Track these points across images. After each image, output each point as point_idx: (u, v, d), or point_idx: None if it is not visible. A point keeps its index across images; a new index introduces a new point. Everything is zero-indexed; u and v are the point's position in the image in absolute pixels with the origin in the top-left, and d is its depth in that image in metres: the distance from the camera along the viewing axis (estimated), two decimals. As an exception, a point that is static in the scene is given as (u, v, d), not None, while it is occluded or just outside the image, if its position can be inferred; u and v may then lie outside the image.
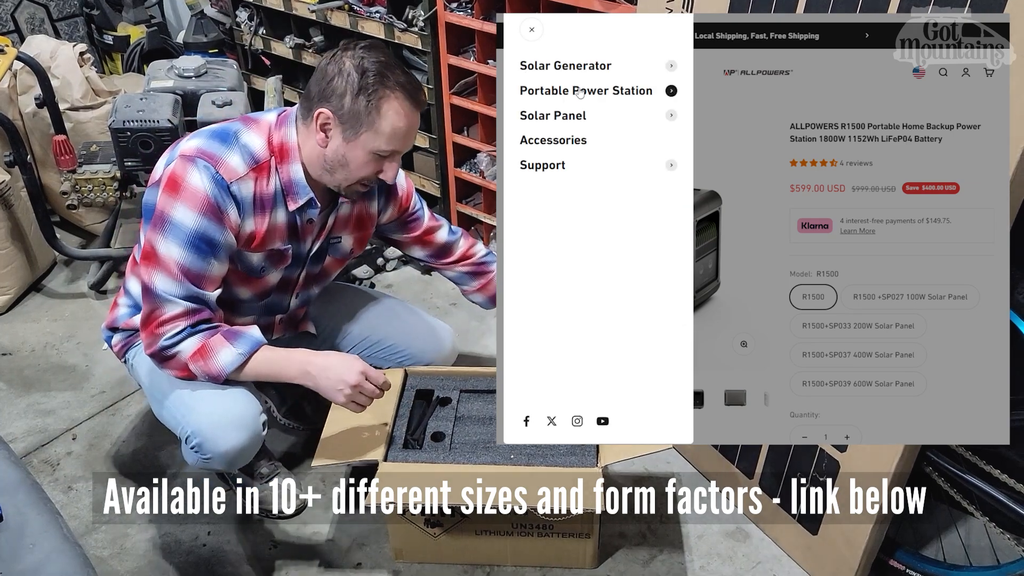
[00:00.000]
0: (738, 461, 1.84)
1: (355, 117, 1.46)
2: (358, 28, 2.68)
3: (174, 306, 1.49)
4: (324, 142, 1.50)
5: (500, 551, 1.72)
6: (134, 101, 2.31)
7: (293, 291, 1.73)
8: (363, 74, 1.44)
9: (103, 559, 1.77)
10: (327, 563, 1.78)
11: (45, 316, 2.58)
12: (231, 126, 1.54)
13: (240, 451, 1.57)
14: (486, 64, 2.44)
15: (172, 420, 1.61)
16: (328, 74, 1.46)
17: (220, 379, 1.54)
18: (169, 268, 1.47)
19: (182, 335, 1.51)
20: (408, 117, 1.48)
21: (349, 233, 1.73)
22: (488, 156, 2.61)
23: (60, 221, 2.94)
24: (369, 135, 1.47)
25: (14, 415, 2.18)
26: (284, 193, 1.55)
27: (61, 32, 3.58)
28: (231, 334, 1.54)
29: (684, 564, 1.76)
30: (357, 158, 1.49)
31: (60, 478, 1.98)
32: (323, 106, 1.47)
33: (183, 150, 1.49)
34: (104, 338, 1.81)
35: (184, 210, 1.46)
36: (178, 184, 1.46)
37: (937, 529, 1.79)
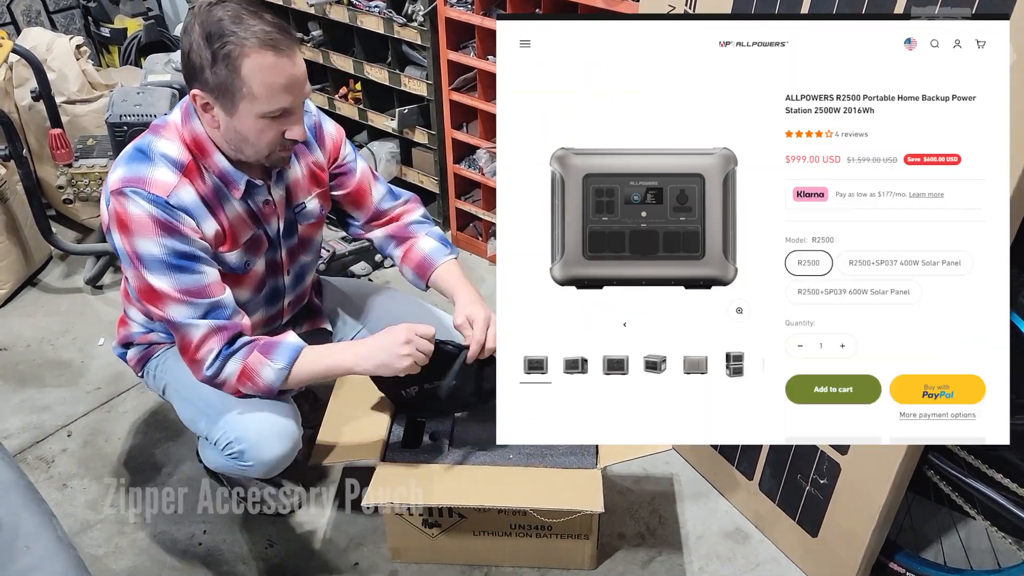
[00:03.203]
0: (738, 462, 1.83)
1: (224, 88, 1.35)
2: (357, 22, 2.66)
3: (197, 328, 1.46)
4: (214, 122, 1.41)
5: (498, 551, 1.71)
6: (131, 95, 2.30)
7: (284, 270, 1.67)
8: (209, 39, 1.32)
9: (98, 557, 1.76)
10: (324, 562, 1.76)
11: (40, 311, 2.56)
12: (142, 141, 1.46)
13: (282, 460, 1.55)
14: (486, 60, 2.42)
15: (211, 426, 1.56)
16: (184, 49, 1.36)
17: (272, 394, 1.52)
18: (171, 296, 1.43)
19: (220, 360, 1.47)
20: (276, 68, 1.34)
21: (310, 194, 1.64)
22: (487, 153, 2.59)
23: (56, 215, 2.92)
24: (246, 103, 1.36)
25: (9, 411, 2.17)
26: (224, 184, 1.49)
27: (58, 24, 3.56)
28: (267, 348, 1.50)
29: (683, 565, 1.75)
30: (250, 128, 1.39)
31: (55, 475, 1.97)
32: (194, 86, 1.38)
33: (111, 186, 1.42)
34: (117, 355, 1.77)
35: (144, 242, 1.41)
36: (124, 220, 1.40)
37: (938, 532, 1.78)
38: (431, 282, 1.72)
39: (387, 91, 2.80)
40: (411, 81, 2.66)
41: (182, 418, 1.65)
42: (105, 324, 2.46)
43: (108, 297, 2.62)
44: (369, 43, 2.77)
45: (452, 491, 1.57)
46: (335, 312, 1.87)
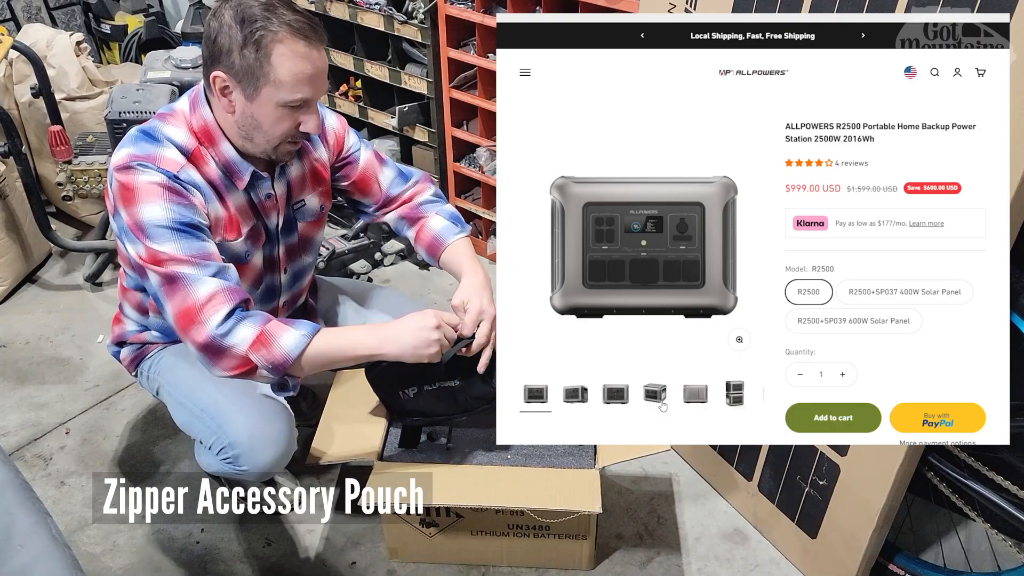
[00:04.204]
0: (737, 463, 1.83)
1: (249, 72, 1.35)
2: (357, 20, 2.65)
3: (204, 285, 1.38)
4: (230, 107, 1.40)
5: (496, 551, 1.71)
6: (130, 92, 2.29)
7: (280, 267, 1.66)
8: (243, 22, 1.33)
9: (95, 556, 1.76)
10: (322, 561, 1.76)
11: (40, 308, 2.56)
12: (150, 126, 1.45)
13: (276, 464, 1.54)
14: (486, 58, 2.42)
15: (204, 430, 1.55)
16: (211, 32, 1.36)
17: (285, 366, 1.40)
18: (178, 258, 1.38)
19: (232, 320, 1.38)
20: (306, 58, 1.35)
21: (310, 192, 1.64)
22: (487, 151, 2.58)
23: (55, 212, 2.92)
24: (270, 88, 1.36)
25: (7, 408, 2.16)
26: (228, 175, 1.48)
27: (58, 20, 3.56)
28: (287, 320, 1.45)
29: (681, 566, 1.75)
30: (267, 116, 1.39)
31: (53, 473, 1.97)
32: (216, 68, 1.37)
33: (116, 164, 1.40)
34: (112, 354, 1.76)
35: (149, 207, 1.37)
36: (129, 190, 1.38)
37: (937, 534, 1.77)
38: (441, 262, 1.71)
39: (387, 89, 2.80)
40: (411, 79, 2.65)
41: (176, 421, 1.65)
42: (104, 321, 2.45)
43: (107, 294, 2.62)
44: (369, 40, 2.76)
45: (450, 491, 1.56)
46: (331, 312, 1.87)
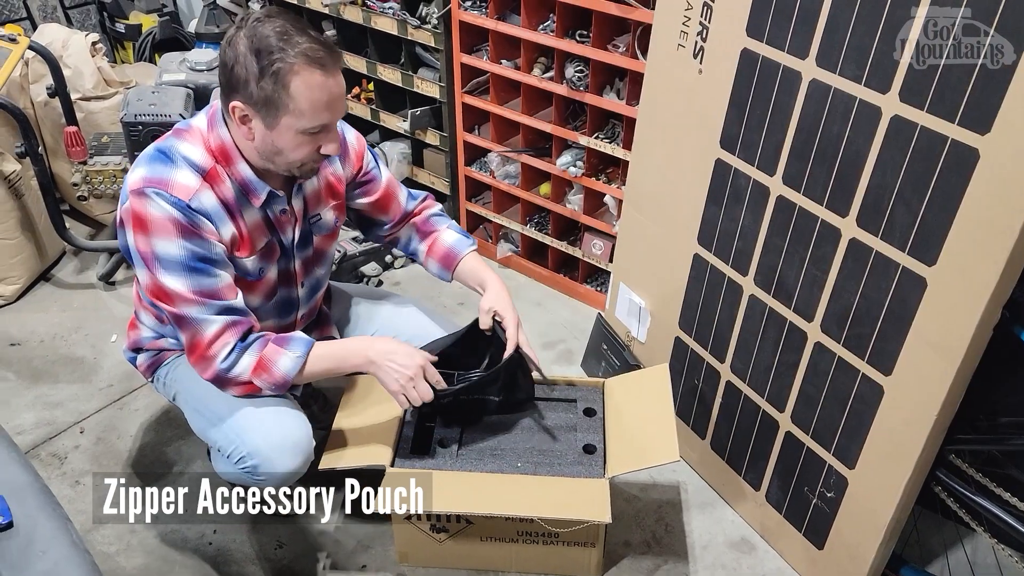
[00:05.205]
0: (745, 472, 1.84)
1: (268, 103, 1.36)
2: (371, 23, 2.66)
3: (211, 324, 1.47)
4: (250, 134, 1.42)
5: (505, 558, 1.72)
6: (146, 95, 2.31)
7: (297, 281, 1.69)
8: (258, 55, 1.33)
9: (110, 555, 1.78)
10: (332, 564, 1.78)
11: (54, 306, 2.58)
12: (166, 143, 1.46)
13: (295, 474, 1.56)
14: (499, 64, 2.42)
15: (222, 439, 1.57)
16: (228, 61, 1.37)
17: (286, 386, 1.54)
18: (186, 297, 1.44)
19: (234, 353, 1.49)
20: (323, 86, 1.36)
21: (326, 206, 1.66)
22: (498, 156, 2.60)
23: (70, 211, 2.94)
24: (289, 118, 1.37)
25: (22, 406, 2.19)
26: (244, 193, 1.50)
27: (73, 20, 3.58)
28: (281, 340, 1.53)
29: (688, 574, 1.76)
30: (288, 143, 1.41)
31: (68, 472, 1.99)
32: (235, 98, 1.38)
33: (131, 185, 1.42)
34: (128, 359, 1.79)
35: (163, 243, 1.41)
36: (143, 220, 1.41)
37: (944, 546, 1.78)
38: (456, 274, 1.75)
39: (400, 92, 2.81)
40: (424, 83, 2.66)
41: (193, 428, 1.67)
42: (118, 321, 2.48)
43: (121, 293, 2.64)
44: (383, 44, 2.77)
45: (460, 498, 1.58)
46: (344, 319, 1.89)
